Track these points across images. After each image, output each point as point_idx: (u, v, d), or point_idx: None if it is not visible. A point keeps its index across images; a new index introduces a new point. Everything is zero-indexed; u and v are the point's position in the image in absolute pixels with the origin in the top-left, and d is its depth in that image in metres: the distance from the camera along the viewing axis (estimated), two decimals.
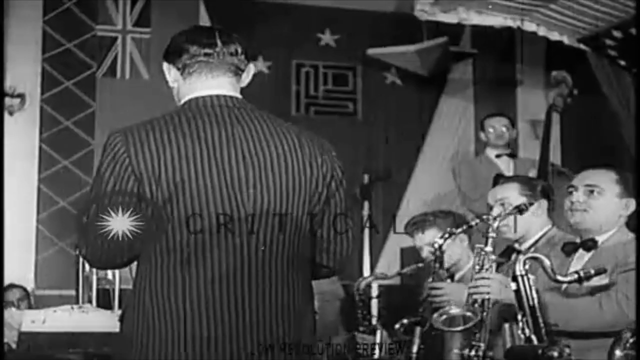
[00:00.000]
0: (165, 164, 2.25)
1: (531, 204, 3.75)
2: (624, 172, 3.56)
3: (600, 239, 3.41)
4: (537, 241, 3.89)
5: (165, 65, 2.48)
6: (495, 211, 3.84)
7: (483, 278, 3.41)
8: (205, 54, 2.42)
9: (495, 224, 3.53)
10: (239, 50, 2.46)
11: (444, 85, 7.38)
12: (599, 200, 3.42)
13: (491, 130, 6.06)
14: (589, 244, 3.40)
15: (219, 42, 2.43)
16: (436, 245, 3.72)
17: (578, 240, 3.47)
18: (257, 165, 2.32)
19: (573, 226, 3.52)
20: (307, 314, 2.42)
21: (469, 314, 3.35)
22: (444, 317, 3.39)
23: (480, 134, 6.22)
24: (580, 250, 3.42)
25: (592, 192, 3.44)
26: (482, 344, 3.35)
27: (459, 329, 3.35)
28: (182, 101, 2.43)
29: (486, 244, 3.52)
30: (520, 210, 3.66)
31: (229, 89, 2.44)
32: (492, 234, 3.52)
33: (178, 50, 2.44)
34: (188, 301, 2.24)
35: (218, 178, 2.28)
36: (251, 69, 2.52)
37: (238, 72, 2.47)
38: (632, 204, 3.46)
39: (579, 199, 3.44)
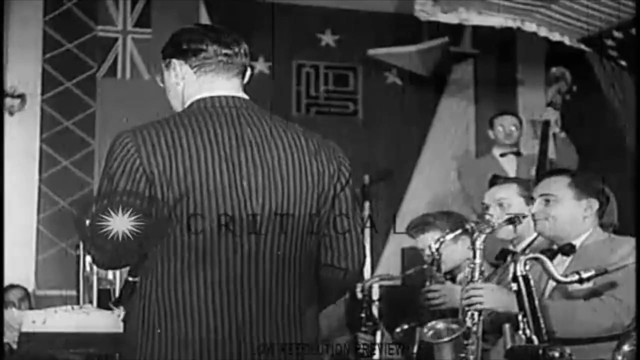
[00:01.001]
0: (177, 165, 2.24)
1: (520, 219, 3.74)
2: (578, 175, 3.61)
3: (576, 242, 3.43)
4: (531, 242, 3.89)
5: (174, 61, 2.44)
6: (492, 211, 3.84)
7: (474, 288, 3.43)
8: (226, 54, 2.41)
9: (482, 238, 3.55)
10: (248, 50, 2.47)
11: (444, 86, 7.38)
12: (557, 207, 3.46)
13: (500, 129, 6.06)
14: (567, 248, 3.41)
15: (234, 43, 2.44)
16: (433, 249, 3.72)
17: (555, 247, 3.48)
18: (266, 167, 2.33)
19: (540, 235, 3.54)
20: (312, 315, 2.43)
21: (454, 325, 3.37)
22: (431, 331, 3.40)
23: (489, 132, 6.21)
24: (560, 256, 3.42)
25: (548, 201, 3.48)
26: (471, 356, 3.37)
27: (445, 339, 3.35)
28: (190, 100, 2.41)
29: (474, 256, 3.54)
30: (512, 222, 3.66)
31: (238, 90, 2.44)
32: (479, 246, 3.54)
33: (195, 48, 2.41)
34: (196, 302, 2.24)
35: (229, 180, 2.27)
36: (248, 70, 2.52)
37: (245, 72, 2.48)
38: (594, 204, 3.47)
39: (538, 210, 3.49)
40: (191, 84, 2.43)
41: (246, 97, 2.45)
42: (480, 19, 5.99)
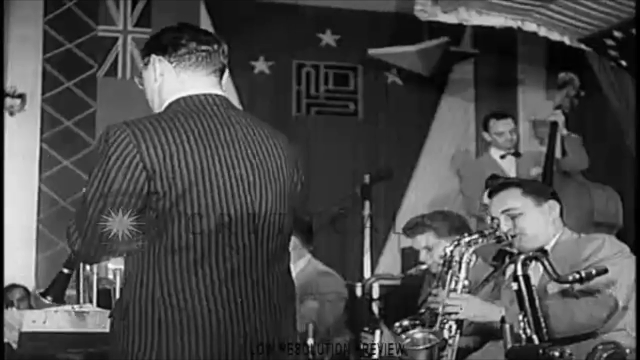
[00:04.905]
0: (179, 161, 2.25)
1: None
2: (525, 182, 3.65)
3: (548, 247, 3.47)
4: None
5: (153, 57, 2.46)
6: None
7: (453, 298, 3.47)
8: (204, 50, 2.44)
9: (470, 251, 3.55)
10: (226, 51, 2.50)
11: (444, 85, 7.38)
12: (524, 219, 3.50)
13: (500, 131, 6.00)
14: (539, 254, 3.42)
15: (213, 41, 2.47)
16: (447, 252, 3.67)
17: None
18: (256, 166, 2.37)
19: (521, 251, 3.53)
20: (294, 311, 2.49)
21: (431, 336, 3.38)
22: (408, 339, 3.41)
23: (484, 134, 6.15)
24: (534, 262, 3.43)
25: (513, 217, 3.50)
26: None
27: (420, 347, 3.36)
28: (174, 97, 2.41)
29: (459, 270, 3.55)
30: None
31: (218, 89, 2.47)
32: (466, 260, 3.54)
33: (174, 43, 2.44)
34: (197, 298, 2.26)
35: (229, 177, 2.31)
36: (226, 71, 2.54)
37: (222, 73, 2.50)
38: (554, 206, 3.53)
39: (508, 228, 3.50)
40: (171, 80, 2.44)
41: (225, 95, 2.48)
42: (481, 19, 5.98)
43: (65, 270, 2.77)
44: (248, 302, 2.31)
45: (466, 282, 3.56)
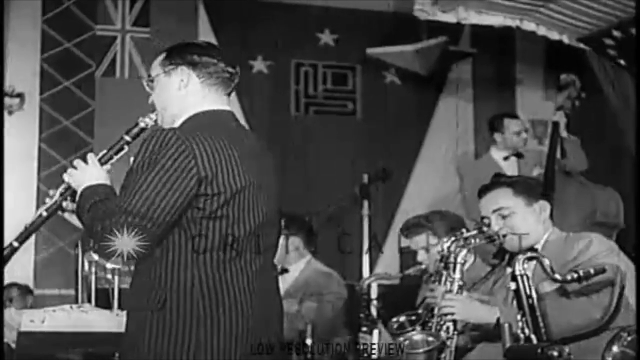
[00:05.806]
0: (227, 167, 2.44)
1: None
2: (515, 183, 3.63)
3: (539, 246, 3.48)
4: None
5: (183, 68, 2.60)
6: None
7: (448, 299, 3.47)
8: (229, 72, 2.64)
9: (464, 251, 3.55)
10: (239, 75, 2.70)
11: (443, 85, 7.38)
12: (515, 219, 3.51)
13: (517, 130, 5.98)
14: (530, 254, 3.42)
15: (233, 64, 2.67)
16: (444, 247, 3.66)
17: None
18: (270, 177, 2.62)
19: (512, 250, 3.54)
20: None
21: (431, 338, 3.38)
22: (407, 341, 3.42)
23: (495, 134, 6.09)
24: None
25: (503, 216, 3.51)
26: None
27: (420, 351, 3.36)
28: (198, 109, 2.58)
29: (454, 271, 3.55)
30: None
31: (228, 106, 2.66)
32: (460, 261, 3.54)
33: (206, 61, 2.61)
34: (231, 292, 2.43)
35: (259, 186, 2.52)
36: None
37: (231, 93, 2.70)
38: (544, 206, 3.54)
39: (499, 227, 3.51)
40: (196, 93, 2.60)
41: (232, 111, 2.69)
42: (479, 18, 5.99)
43: (15, 244, 2.83)
44: (265, 298, 2.53)
45: (461, 283, 3.56)
